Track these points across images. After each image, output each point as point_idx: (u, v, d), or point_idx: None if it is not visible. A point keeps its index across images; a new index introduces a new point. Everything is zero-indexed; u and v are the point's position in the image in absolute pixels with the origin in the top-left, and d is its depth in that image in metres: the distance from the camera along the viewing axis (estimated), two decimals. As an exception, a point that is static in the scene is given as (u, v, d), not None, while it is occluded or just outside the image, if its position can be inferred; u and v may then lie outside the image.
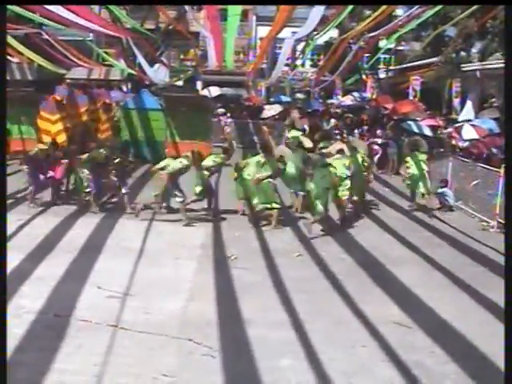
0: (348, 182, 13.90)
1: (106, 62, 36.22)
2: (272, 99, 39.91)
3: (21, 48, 31.77)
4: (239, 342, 7.13)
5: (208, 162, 14.00)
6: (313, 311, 8.15)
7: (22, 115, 19.10)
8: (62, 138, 14.54)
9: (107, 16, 35.38)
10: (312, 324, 7.66)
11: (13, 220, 12.63)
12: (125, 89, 38.58)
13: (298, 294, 8.78)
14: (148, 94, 25.10)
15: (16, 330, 7.07)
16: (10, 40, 30.92)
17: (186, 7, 24.21)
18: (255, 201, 13.21)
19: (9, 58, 34.81)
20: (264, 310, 8.12)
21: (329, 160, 14.03)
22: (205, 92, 38.83)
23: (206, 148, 23.13)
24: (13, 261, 9.75)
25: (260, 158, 13.71)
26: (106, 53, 34.98)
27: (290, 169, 14.28)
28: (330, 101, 38.67)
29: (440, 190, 16.05)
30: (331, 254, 11.22)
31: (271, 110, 29.07)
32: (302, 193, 14.19)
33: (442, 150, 20.75)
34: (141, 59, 30.18)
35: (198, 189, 13.53)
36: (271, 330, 7.44)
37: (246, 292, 8.80)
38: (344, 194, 13.86)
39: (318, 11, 18.53)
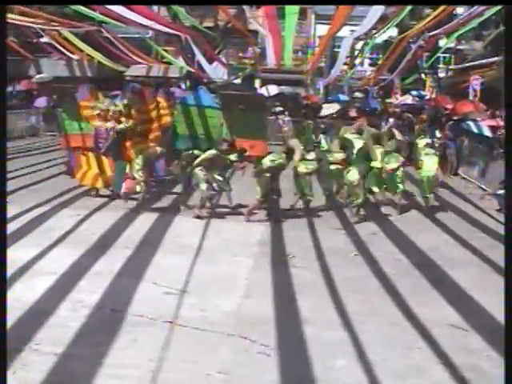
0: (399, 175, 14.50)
1: (165, 60, 36.59)
2: (330, 98, 39.79)
3: (81, 45, 32.37)
4: (294, 340, 7.10)
5: (266, 161, 14.00)
6: (368, 311, 8.06)
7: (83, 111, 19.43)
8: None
9: (166, 14, 35.77)
10: (367, 324, 7.59)
11: (71, 215, 12.93)
12: (183, 86, 38.89)
13: (354, 293, 8.71)
14: (205, 92, 25.24)
15: (72, 324, 7.19)
16: (71, 37, 31.58)
17: (244, 6, 24.22)
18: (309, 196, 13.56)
19: (69, 54, 35.49)
20: (319, 309, 8.07)
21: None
22: (263, 90, 38.91)
23: (262, 146, 23.25)
24: (71, 256, 9.96)
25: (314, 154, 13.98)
26: (164, 50, 35.37)
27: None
28: (388, 100, 38.35)
29: (499, 192, 15.73)
30: (387, 254, 11.10)
31: (329, 109, 29.00)
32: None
33: (501, 150, 20.36)
34: (199, 57, 30.42)
35: (261, 190, 13.53)
36: (326, 329, 7.39)
37: (302, 291, 8.77)
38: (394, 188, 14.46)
39: (377, 10, 18.37)
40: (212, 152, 14.10)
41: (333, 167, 14.64)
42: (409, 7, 19.46)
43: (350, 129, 17.27)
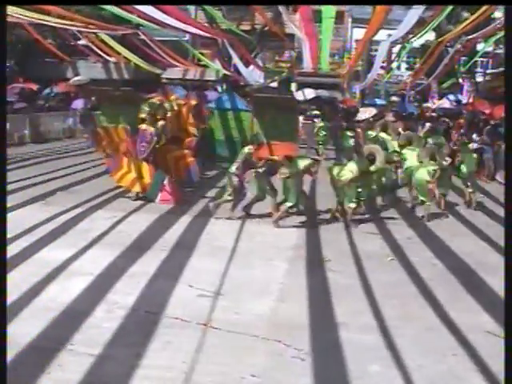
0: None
1: (202, 63, 36.74)
2: (367, 102, 39.62)
3: (118, 47, 32.64)
4: (329, 345, 7.09)
5: (301, 163, 14.05)
6: (403, 316, 8.02)
7: (122, 114, 19.60)
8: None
9: (203, 17, 35.91)
10: (402, 329, 7.55)
11: (108, 216, 13.03)
12: (219, 89, 39.01)
13: (389, 298, 8.67)
14: (235, 95, 25.34)
15: (107, 325, 7.26)
16: (108, 40, 31.85)
17: (281, 9, 24.23)
18: (346, 201, 13.46)
19: (106, 57, 35.81)
20: (354, 313, 8.05)
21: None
22: (299, 94, 38.83)
23: (293, 149, 23.21)
24: (107, 257, 10.04)
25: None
26: (201, 53, 35.52)
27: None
28: (425, 104, 38.06)
29: None
30: (423, 259, 11.02)
31: (366, 113, 28.86)
32: None
33: None
34: (236, 60, 30.49)
35: (292, 194, 13.53)
36: (361, 334, 7.36)
37: (337, 295, 8.75)
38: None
39: (414, 13, 18.29)
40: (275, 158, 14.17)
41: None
42: (447, 11, 19.31)
43: (376, 126, 17.37)
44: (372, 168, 13.87)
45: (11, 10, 18.45)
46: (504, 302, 5.26)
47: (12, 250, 10.27)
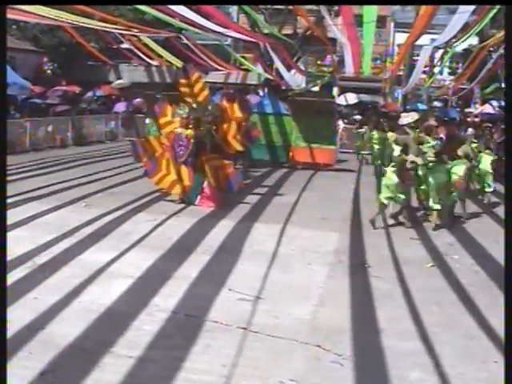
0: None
1: (244, 67, 36.85)
2: (408, 107, 39.38)
3: (160, 51, 32.90)
4: (369, 350, 7.07)
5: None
6: (444, 323, 7.95)
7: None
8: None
9: (245, 21, 36.03)
10: (443, 336, 7.49)
11: (149, 219, 13.14)
12: (261, 93, 39.07)
13: (430, 305, 8.60)
14: (277, 99, 25.41)
15: (147, 327, 7.32)
16: (150, 43, 32.12)
17: (323, 13, 24.18)
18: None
19: (148, 60, 36.10)
20: (395, 319, 8.00)
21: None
22: (341, 98, 38.75)
23: (331, 153, 23.28)
24: (148, 259, 10.13)
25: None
26: (243, 57, 35.65)
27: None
28: (467, 109, 37.70)
29: None
30: (464, 265, 10.92)
31: (408, 118, 28.55)
32: None
33: None
34: (278, 64, 30.49)
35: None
36: (402, 340, 7.32)
37: (377, 300, 8.71)
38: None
39: (460, 18, 18.14)
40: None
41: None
42: (490, 15, 19.11)
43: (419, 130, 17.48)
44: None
45: (54, 13, 18.72)
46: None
47: (54, 251, 10.45)
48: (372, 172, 22.69)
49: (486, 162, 16.41)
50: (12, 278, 8.84)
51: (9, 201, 14.44)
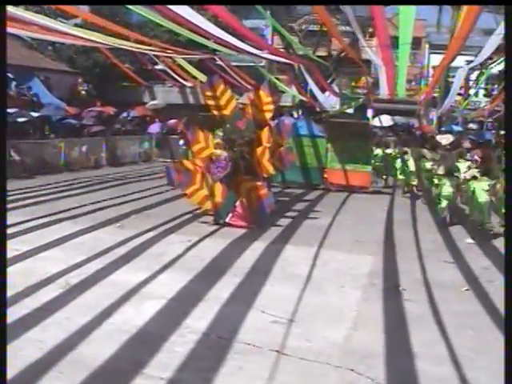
0: None
1: (278, 88, 36.97)
2: (443, 129, 39.18)
3: (195, 72, 33.16)
4: (402, 375, 7.01)
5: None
6: (479, 348, 7.86)
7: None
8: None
9: (280, 43, 36.22)
10: (477, 361, 7.40)
11: (182, 240, 13.22)
12: (295, 115, 39.13)
13: (464, 329, 8.50)
14: (311, 121, 25.49)
15: (179, 349, 7.34)
16: (185, 64, 32.41)
17: (359, 35, 24.18)
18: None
19: (183, 81, 36.39)
20: (429, 343, 7.92)
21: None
22: (376, 121, 38.68)
23: (366, 176, 23.23)
24: (180, 281, 10.17)
25: None
26: (277, 79, 35.76)
27: None
28: (503, 132, 37.38)
29: None
30: (499, 289, 10.79)
31: (443, 140, 28.51)
32: None
33: None
34: (312, 86, 30.56)
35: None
36: (435, 365, 7.24)
37: (411, 324, 8.64)
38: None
39: (495, 40, 18.07)
40: None
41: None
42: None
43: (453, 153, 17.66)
44: None
45: (89, 34, 18.98)
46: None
47: (86, 271, 10.54)
48: (402, 192, 22.74)
49: None
50: (45, 297, 8.95)
51: (43, 221, 14.72)
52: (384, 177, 25.44)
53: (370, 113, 41.74)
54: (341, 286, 10.54)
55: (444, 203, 16.30)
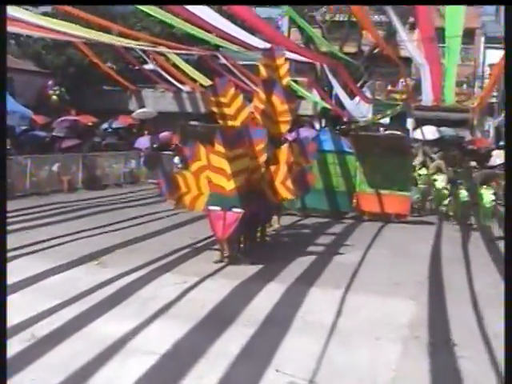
0: None
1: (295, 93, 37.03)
2: (503, 142, 39.12)
3: (193, 73, 33.16)
4: None
5: None
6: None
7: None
8: (237, 182, 14.92)
9: (298, 37, 36.31)
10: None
11: (177, 282, 13.21)
12: (317, 126, 39.16)
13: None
14: (335, 133, 25.39)
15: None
16: (181, 64, 32.47)
17: (397, 25, 24.21)
18: None
19: (178, 85, 36.47)
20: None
21: None
22: (417, 133, 38.64)
23: (405, 201, 23.15)
24: (175, 332, 10.16)
25: None
26: (294, 81, 35.73)
27: None
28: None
29: None
30: None
31: (501, 157, 28.26)
32: None
33: None
34: (338, 90, 30.66)
35: None
36: None
37: (463, 386, 8.62)
38: None
39: None
40: None
41: None
42: None
43: None
44: None
45: (63, 25, 19.10)
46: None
47: (57, 320, 10.54)
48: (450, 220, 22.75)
49: None
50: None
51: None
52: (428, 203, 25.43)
53: (410, 123, 41.73)
54: (375, 338, 10.51)
55: None
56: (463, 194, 22.59)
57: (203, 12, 17.13)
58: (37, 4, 18.99)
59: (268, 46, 20.33)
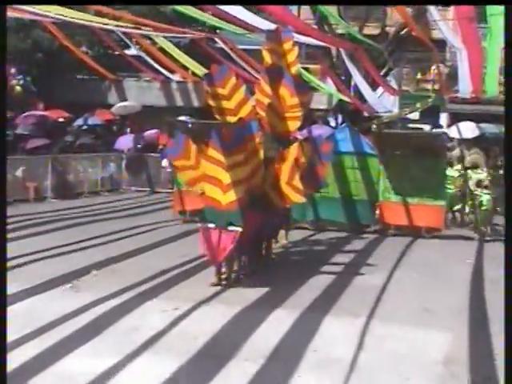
0: None
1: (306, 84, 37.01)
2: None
3: (185, 60, 33.13)
4: None
5: None
6: None
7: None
8: (234, 194, 14.78)
9: (309, 16, 36.26)
10: None
11: (165, 309, 13.19)
12: (333, 122, 39.12)
13: None
14: (354, 131, 25.19)
15: None
16: (170, 48, 32.45)
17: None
18: None
19: (167, 73, 36.45)
20: None
21: None
22: (452, 130, 38.58)
23: (438, 212, 23.04)
24: (164, 369, 10.11)
25: None
26: (305, 69, 35.73)
27: None
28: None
29: None
30: None
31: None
32: None
33: None
34: (358, 79, 30.60)
35: None
36: None
37: None
38: None
39: None
40: None
41: None
42: None
43: None
44: None
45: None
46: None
47: (22, 355, 10.47)
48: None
49: None
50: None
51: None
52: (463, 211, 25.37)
53: (444, 119, 41.69)
54: (404, 377, 10.48)
55: None
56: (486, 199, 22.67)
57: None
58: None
59: (273, 27, 20.33)
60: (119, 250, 18.74)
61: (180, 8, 20.81)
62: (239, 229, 14.75)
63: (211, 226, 14.96)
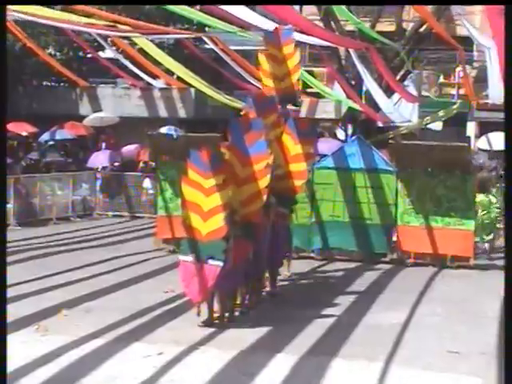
0: None
1: (310, 90, 37.07)
2: None
3: (169, 63, 33.21)
4: None
5: None
6: None
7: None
8: (216, 222, 14.73)
9: (314, 11, 36.34)
10: None
11: (148, 354, 13.17)
12: (341, 135, 39.12)
13: None
14: (366, 144, 25.14)
15: None
16: (153, 50, 32.51)
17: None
18: None
19: (148, 79, 36.50)
20: None
21: None
22: (481, 141, 38.64)
23: (467, 238, 22.93)
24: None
25: None
26: (309, 73, 35.79)
27: None
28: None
29: None
30: None
31: None
32: None
33: None
34: (370, 84, 30.63)
35: None
36: None
37: None
38: None
39: None
40: None
41: None
42: None
43: None
44: None
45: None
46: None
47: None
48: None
49: None
50: None
51: None
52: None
53: (471, 128, 41.70)
54: None
55: None
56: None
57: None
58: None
59: (270, 24, 20.44)
60: (94, 285, 18.73)
61: (164, 5, 20.91)
62: (220, 263, 14.71)
63: (189, 259, 14.92)
